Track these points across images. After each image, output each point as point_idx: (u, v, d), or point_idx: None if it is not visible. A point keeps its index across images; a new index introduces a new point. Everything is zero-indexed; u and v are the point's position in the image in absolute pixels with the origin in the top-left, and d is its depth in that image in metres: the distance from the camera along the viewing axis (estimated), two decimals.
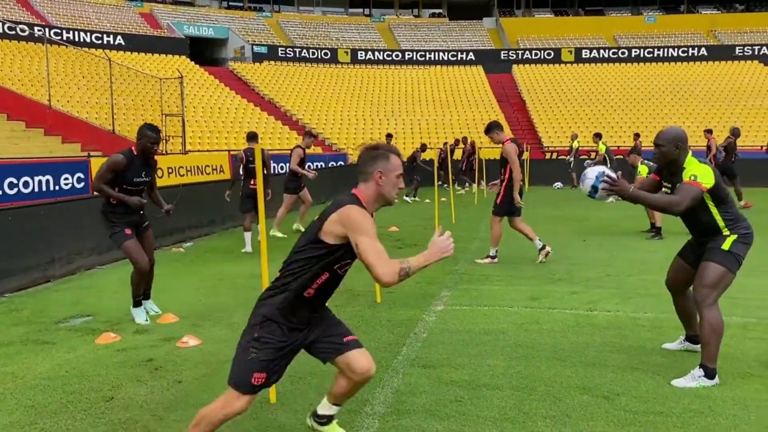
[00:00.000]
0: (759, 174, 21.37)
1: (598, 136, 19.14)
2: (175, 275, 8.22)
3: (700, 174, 4.19)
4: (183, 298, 6.93)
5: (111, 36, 34.05)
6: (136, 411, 3.95)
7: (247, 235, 9.99)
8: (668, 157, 4.34)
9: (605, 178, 4.21)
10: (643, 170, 11.05)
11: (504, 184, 8.59)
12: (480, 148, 23.56)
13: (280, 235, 11.34)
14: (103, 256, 9.01)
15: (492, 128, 8.59)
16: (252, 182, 9.81)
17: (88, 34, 33.46)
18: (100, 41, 33.28)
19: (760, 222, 11.69)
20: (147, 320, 5.96)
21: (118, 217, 5.86)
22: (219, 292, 7.19)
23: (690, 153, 4.38)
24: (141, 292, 6.06)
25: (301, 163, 11.55)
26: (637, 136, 21.87)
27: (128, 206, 5.84)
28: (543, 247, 8.63)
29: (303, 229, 11.78)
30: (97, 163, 13.75)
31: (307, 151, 12.05)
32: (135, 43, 34.37)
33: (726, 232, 4.28)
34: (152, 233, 6.24)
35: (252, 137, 10.31)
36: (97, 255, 8.92)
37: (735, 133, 16.35)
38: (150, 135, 5.88)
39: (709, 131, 18.02)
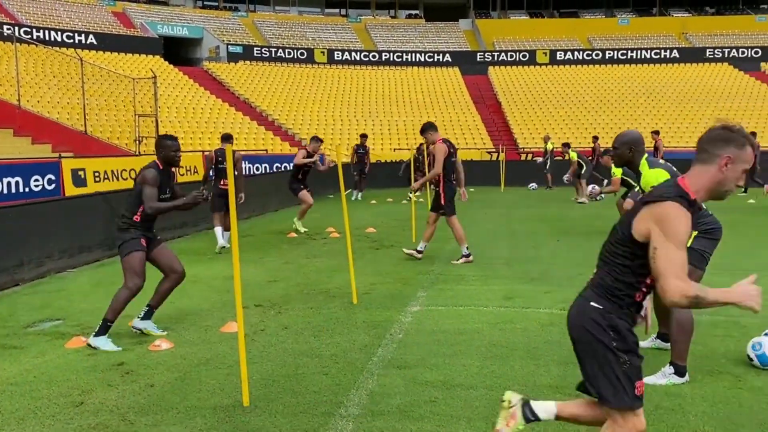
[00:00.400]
0: None
1: (566, 146, 18.92)
2: (147, 278, 8.10)
3: (654, 181, 4.27)
4: None
5: (83, 35, 33.54)
6: (106, 416, 3.89)
7: (218, 230, 9.95)
8: (623, 158, 4.55)
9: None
10: (617, 171, 11.18)
11: (442, 183, 8.68)
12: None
13: (302, 229, 11.89)
14: (74, 258, 8.87)
15: (426, 129, 8.77)
16: (222, 182, 9.94)
17: (59, 33, 32.92)
18: (71, 40, 32.77)
19: (728, 221, 11.91)
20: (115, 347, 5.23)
21: (138, 232, 5.52)
22: (191, 294, 7.11)
23: (645, 156, 4.50)
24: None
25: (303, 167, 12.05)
26: (595, 138, 22.00)
27: (149, 222, 5.58)
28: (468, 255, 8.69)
29: (301, 229, 11.88)
30: (68, 165, 13.55)
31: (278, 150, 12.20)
32: (107, 43, 33.89)
33: None
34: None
35: (226, 138, 10.20)
36: (68, 258, 8.78)
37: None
38: (170, 144, 5.63)
39: (656, 132, 18.36)
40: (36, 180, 12.95)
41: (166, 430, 3.68)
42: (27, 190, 12.66)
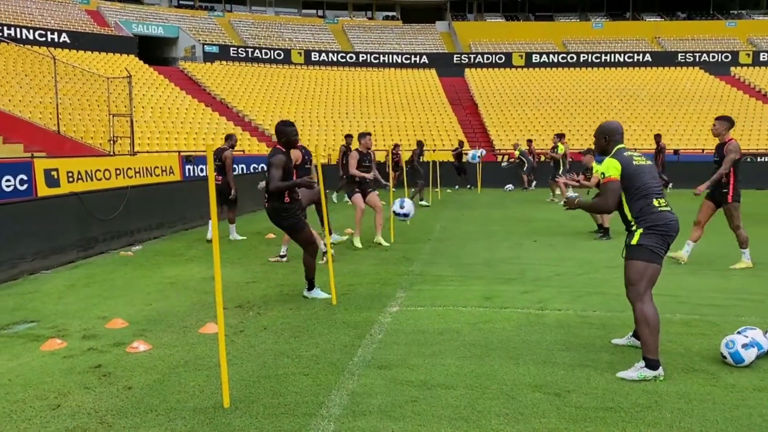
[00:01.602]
0: (698, 176, 22.12)
1: (560, 137, 19.02)
2: (123, 279, 8.03)
3: (605, 169, 4.54)
4: (132, 302, 6.76)
5: (55, 33, 33.02)
6: (83, 418, 3.84)
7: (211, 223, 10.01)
8: (598, 147, 4.74)
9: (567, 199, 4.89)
10: (597, 168, 11.29)
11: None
12: (429, 150, 23.83)
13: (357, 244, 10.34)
14: (47, 260, 8.73)
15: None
16: (217, 178, 10.51)
17: (31, 31, 32.37)
18: (43, 38, 32.24)
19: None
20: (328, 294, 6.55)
21: (294, 211, 6.57)
22: (169, 296, 7.05)
23: (618, 147, 4.61)
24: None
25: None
26: (562, 136, 22.01)
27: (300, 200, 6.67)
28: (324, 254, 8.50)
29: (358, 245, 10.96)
30: (41, 165, 13.31)
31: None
32: (81, 42, 33.41)
33: (634, 226, 4.48)
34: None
35: (227, 138, 11.21)
36: (42, 259, 8.64)
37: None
38: (289, 130, 6.93)
39: (658, 135, 18.63)
40: (8, 180, 12.68)
41: None
42: None
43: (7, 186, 12.67)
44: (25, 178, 12.98)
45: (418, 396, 4.11)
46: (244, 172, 22.00)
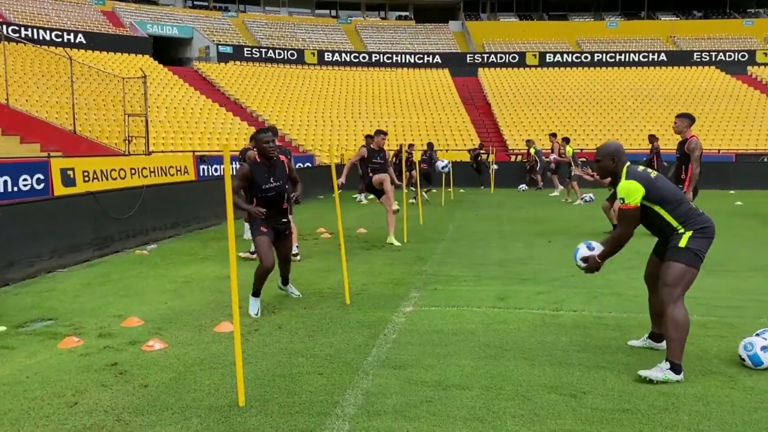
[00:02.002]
0: (713, 177, 21.93)
1: (566, 141, 19.01)
2: (139, 278, 8.08)
3: (625, 195, 4.41)
4: (148, 301, 6.81)
5: (72, 34, 33.32)
6: (100, 416, 3.86)
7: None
8: (606, 170, 4.59)
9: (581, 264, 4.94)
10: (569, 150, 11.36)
11: None
12: (441, 150, 23.88)
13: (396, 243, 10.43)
14: (64, 258, 8.81)
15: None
16: None
17: (48, 31, 32.69)
18: (60, 39, 32.55)
19: (716, 224, 12.02)
20: (258, 313, 6.12)
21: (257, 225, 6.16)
22: (184, 294, 7.09)
23: (626, 165, 4.54)
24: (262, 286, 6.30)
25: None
26: (567, 140, 21.83)
27: (269, 209, 6.14)
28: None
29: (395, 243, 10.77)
30: (57, 164, 13.46)
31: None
32: (97, 42, 33.70)
33: (681, 230, 4.39)
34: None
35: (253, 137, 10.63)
36: (58, 258, 8.72)
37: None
38: (260, 137, 6.14)
39: (653, 136, 18.59)
40: (25, 180, 12.83)
41: (161, 430, 3.67)
42: (15, 189, 12.54)
43: (24, 185, 12.81)
44: (41, 177, 13.12)
45: (432, 396, 4.10)
46: None
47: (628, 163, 4.58)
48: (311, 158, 25.92)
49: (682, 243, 4.35)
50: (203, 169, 18.92)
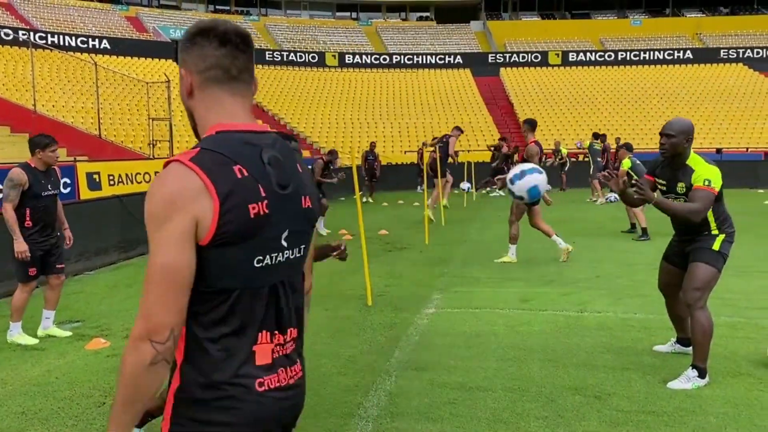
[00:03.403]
0: (741, 175, 21.57)
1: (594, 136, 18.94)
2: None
3: (713, 179, 4.15)
4: None
5: (96, 40, 33.84)
6: None
7: None
8: (677, 148, 4.21)
9: (636, 182, 4.30)
10: (626, 164, 11.25)
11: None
12: (464, 151, 23.76)
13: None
14: (90, 261, 8.95)
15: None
16: None
17: (74, 38, 33.24)
18: (85, 45, 33.07)
19: (744, 223, 11.81)
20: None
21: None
22: None
23: (693, 152, 4.32)
24: None
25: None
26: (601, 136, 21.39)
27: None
28: None
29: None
30: (83, 168, 13.68)
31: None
32: (121, 47, 34.18)
33: (715, 231, 4.29)
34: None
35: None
36: (85, 260, 8.85)
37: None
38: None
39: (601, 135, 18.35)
40: None
41: None
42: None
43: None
44: (68, 181, 13.32)
45: (456, 398, 4.09)
46: None
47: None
48: (313, 161, 25.98)
49: (716, 246, 4.24)
50: None
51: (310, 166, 20.77)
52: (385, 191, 20.70)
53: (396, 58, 42.11)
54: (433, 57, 42.36)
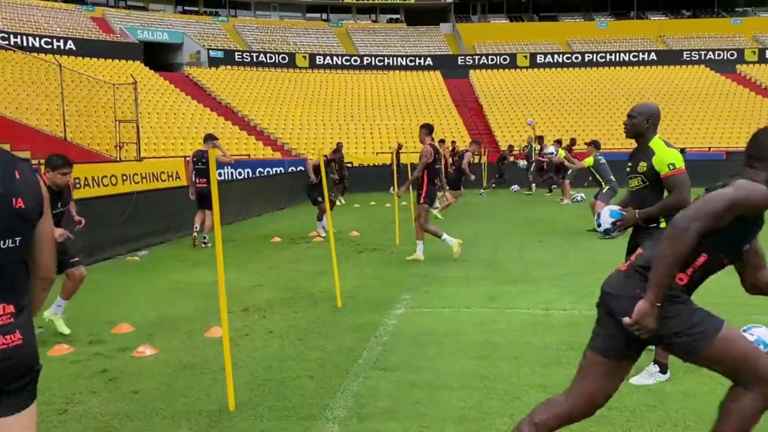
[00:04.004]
0: (703, 174, 22.02)
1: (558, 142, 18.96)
2: (130, 284, 8.06)
3: (675, 161, 4.18)
4: (139, 307, 6.79)
5: (61, 41, 33.23)
6: (90, 423, 3.86)
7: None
8: (637, 128, 4.30)
9: (613, 226, 4.46)
10: (588, 161, 11.57)
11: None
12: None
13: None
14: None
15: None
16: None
17: (37, 38, 32.60)
18: (50, 46, 32.47)
19: None
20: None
21: None
22: (175, 300, 7.07)
23: (657, 135, 4.34)
24: None
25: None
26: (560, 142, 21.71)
27: None
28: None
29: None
30: None
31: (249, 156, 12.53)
32: (87, 48, 33.60)
33: (664, 225, 4.28)
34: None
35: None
36: None
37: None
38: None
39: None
40: None
41: None
42: None
43: None
44: None
45: (422, 397, 4.11)
46: (250, 176, 22.06)
47: (658, 135, 4.36)
48: (304, 162, 25.91)
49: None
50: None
51: (301, 167, 20.56)
52: (356, 193, 20.69)
53: (366, 59, 42.15)
54: (404, 59, 42.49)
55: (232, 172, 21.80)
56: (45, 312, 5.80)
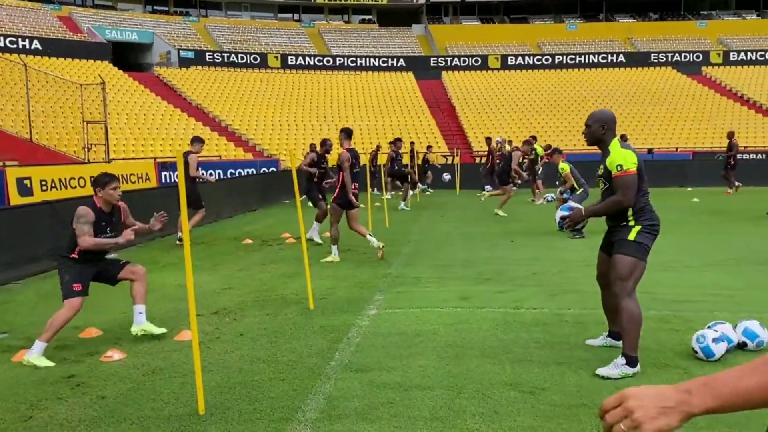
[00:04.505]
0: (671, 174, 22.49)
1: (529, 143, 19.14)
2: (97, 288, 7.91)
3: (623, 162, 4.37)
4: (107, 311, 6.68)
5: (27, 40, 32.57)
6: (56, 430, 3.78)
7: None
8: (595, 135, 4.55)
9: (563, 220, 4.84)
10: (565, 167, 11.67)
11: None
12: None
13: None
14: (20, 270, 8.59)
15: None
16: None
17: (2, 38, 31.90)
18: (14, 45, 31.79)
19: (673, 220, 12.32)
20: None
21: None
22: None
23: (617, 137, 4.57)
24: None
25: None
26: (488, 140, 21.86)
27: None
28: None
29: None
30: (13, 173, 13.14)
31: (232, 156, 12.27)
32: (53, 48, 32.99)
33: (632, 222, 4.46)
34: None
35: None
36: (14, 269, 8.49)
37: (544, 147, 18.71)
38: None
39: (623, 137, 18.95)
40: None
41: None
42: None
43: None
44: None
45: (394, 398, 4.12)
46: (221, 177, 21.85)
47: (618, 137, 4.60)
48: (276, 162, 25.78)
49: (631, 236, 4.43)
50: (165, 175, 18.66)
51: (273, 168, 20.43)
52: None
53: (339, 60, 42.09)
54: (376, 59, 42.52)
55: (203, 173, 21.55)
56: (132, 328, 5.53)
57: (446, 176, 23.12)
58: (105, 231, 5.49)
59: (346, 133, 9.48)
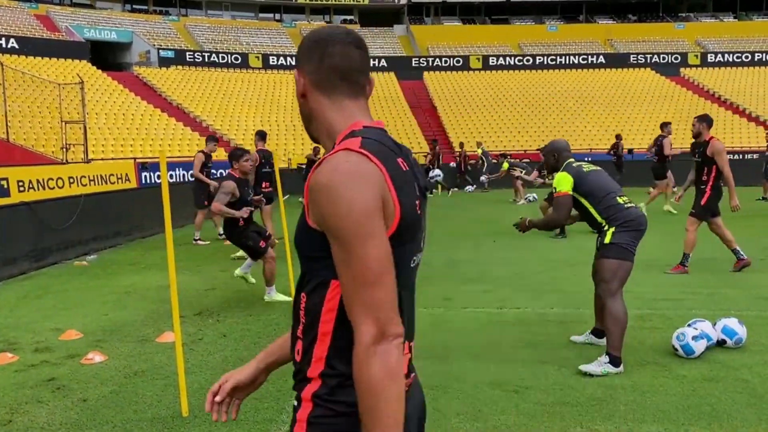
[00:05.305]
0: (650, 174, 22.69)
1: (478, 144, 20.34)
2: (78, 290, 7.83)
3: (557, 185, 4.77)
4: (88, 313, 6.61)
5: (3, 39, 32.04)
6: None
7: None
8: (551, 164, 5.00)
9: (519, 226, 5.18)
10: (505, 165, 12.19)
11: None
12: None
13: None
14: None
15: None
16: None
17: None
18: None
19: (651, 219, 12.45)
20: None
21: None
22: (126, 305, 6.91)
23: (567, 161, 4.86)
24: None
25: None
26: (435, 142, 22.87)
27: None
28: None
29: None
30: None
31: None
32: (30, 47, 32.48)
33: (605, 225, 4.62)
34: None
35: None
36: None
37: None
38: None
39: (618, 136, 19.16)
40: None
41: None
42: None
43: None
44: None
45: None
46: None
47: (571, 159, 4.87)
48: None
49: (607, 239, 4.57)
50: (145, 176, 18.47)
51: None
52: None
53: None
54: None
55: (184, 174, 21.36)
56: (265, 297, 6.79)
57: (469, 188, 23.72)
58: (248, 194, 6.72)
59: (260, 135, 10.70)
